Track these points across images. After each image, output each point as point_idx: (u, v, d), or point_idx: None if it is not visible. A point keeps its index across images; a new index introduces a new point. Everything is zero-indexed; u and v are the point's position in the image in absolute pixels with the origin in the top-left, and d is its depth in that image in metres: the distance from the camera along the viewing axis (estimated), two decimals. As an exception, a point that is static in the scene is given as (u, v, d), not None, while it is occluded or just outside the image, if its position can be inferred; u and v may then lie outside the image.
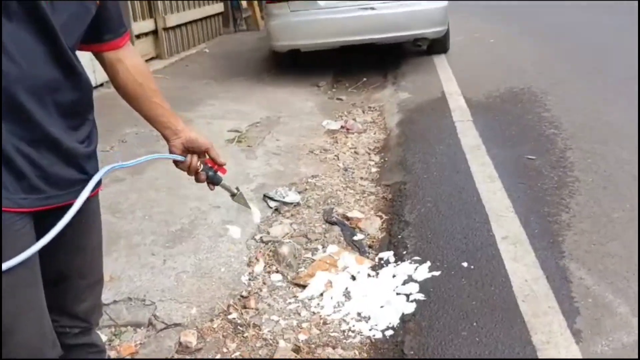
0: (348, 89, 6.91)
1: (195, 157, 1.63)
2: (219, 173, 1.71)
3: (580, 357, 2.10)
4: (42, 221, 1.39)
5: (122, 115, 5.08)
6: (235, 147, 4.67)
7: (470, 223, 3.18)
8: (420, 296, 2.59)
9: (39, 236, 1.36)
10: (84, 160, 1.45)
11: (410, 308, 2.53)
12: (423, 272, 2.77)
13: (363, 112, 5.87)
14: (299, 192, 3.84)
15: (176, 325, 2.50)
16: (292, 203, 3.69)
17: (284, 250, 3.09)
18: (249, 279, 2.89)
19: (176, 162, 1.66)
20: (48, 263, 1.45)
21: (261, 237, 3.24)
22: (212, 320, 2.56)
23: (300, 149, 4.72)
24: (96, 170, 1.48)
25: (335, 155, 4.57)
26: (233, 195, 1.82)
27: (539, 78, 6.02)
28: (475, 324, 2.35)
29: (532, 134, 4.44)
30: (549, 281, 2.58)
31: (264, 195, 3.74)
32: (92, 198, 1.56)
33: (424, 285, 2.67)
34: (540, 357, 2.12)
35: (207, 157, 1.66)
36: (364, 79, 7.07)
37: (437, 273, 2.74)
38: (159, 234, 3.23)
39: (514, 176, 3.71)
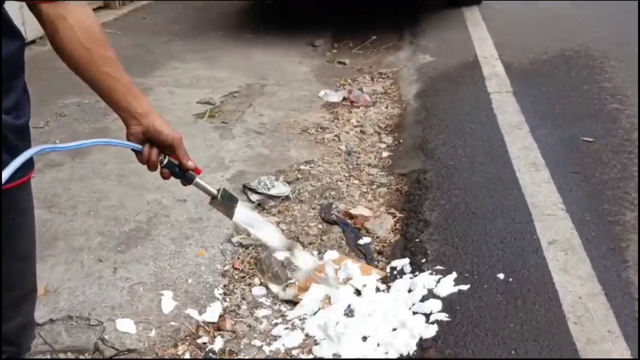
0: (352, 49, 6.92)
1: (155, 150, 1.60)
2: (191, 172, 1.70)
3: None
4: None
5: (60, 81, 5.11)
6: (206, 124, 4.68)
7: (509, 224, 3.20)
8: (444, 316, 2.61)
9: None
10: (12, 137, 1.45)
11: (430, 332, 2.54)
12: (448, 285, 2.79)
13: (372, 79, 5.89)
14: (289, 183, 3.86)
15: (130, 351, 2.51)
16: (279, 196, 3.71)
17: (269, 257, 3.10)
18: (224, 293, 2.90)
19: (136, 153, 1.64)
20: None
21: (240, 241, 3.26)
22: (175, 346, 2.57)
23: (291, 127, 4.73)
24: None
25: (336, 136, 4.58)
26: (213, 198, 1.80)
27: (599, 38, 6.03)
28: (514, 352, 2.38)
29: (590, 110, 4.46)
30: (608, 299, 2.60)
31: (244, 186, 3.76)
32: (21, 188, 1.56)
33: (448, 303, 2.69)
34: (596, 395, 2.14)
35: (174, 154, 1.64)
36: (373, 37, 7.08)
37: (465, 287, 2.76)
38: (107, 234, 3.24)
39: (566, 164, 3.74)
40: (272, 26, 7.47)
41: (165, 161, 1.63)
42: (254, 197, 3.69)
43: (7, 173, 1.32)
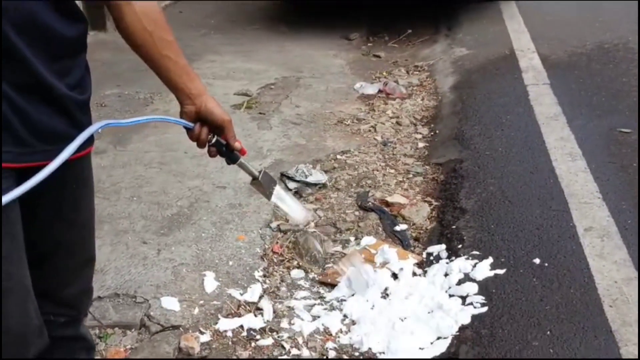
0: (388, 43, 6.99)
1: (205, 129, 1.72)
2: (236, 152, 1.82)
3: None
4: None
5: (100, 72, 5.26)
6: (244, 114, 4.80)
7: (545, 211, 3.26)
8: (480, 299, 2.69)
9: (21, 201, 1.47)
10: (76, 111, 1.57)
11: (466, 314, 2.62)
12: (484, 269, 2.86)
13: (407, 72, 5.96)
14: (325, 172, 3.96)
15: (175, 327, 2.64)
16: (316, 184, 3.81)
17: (307, 241, 3.21)
18: (264, 275, 3.02)
19: (187, 130, 1.76)
20: (33, 238, 1.58)
21: (278, 226, 3.37)
22: (218, 323, 2.68)
23: (327, 118, 4.83)
24: (90, 124, 1.60)
25: (372, 127, 4.67)
26: (254, 179, 1.91)
27: (638, 31, 6.02)
28: (549, 332, 2.45)
29: (628, 102, 4.49)
30: (644, 283, 2.66)
31: (281, 174, 3.86)
32: (83, 160, 1.68)
33: (484, 286, 2.77)
34: (630, 374, 2.21)
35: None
36: (409, 31, 7.14)
37: (501, 271, 2.84)
38: (151, 218, 3.37)
39: (603, 154, 3.78)
40: (307, 20, 7.57)
41: (214, 140, 1.75)
42: (292, 184, 3.79)
43: (75, 145, 1.45)
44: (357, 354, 2.55)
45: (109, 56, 6.04)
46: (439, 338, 2.57)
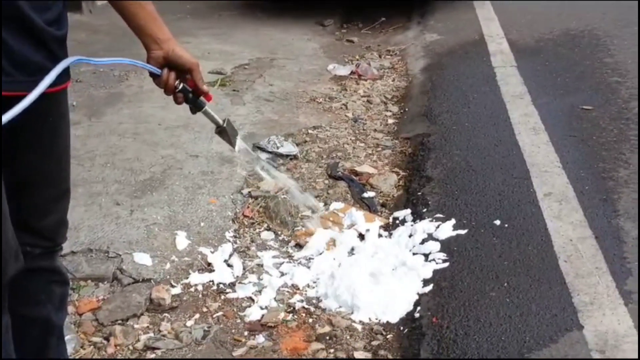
0: (361, 30, 7.10)
1: (173, 74, 1.78)
2: (202, 98, 1.88)
3: (630, 318, 2.31)
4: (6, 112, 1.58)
5: (77, 51, 5.26)
6: (218, 91, 4.86)
7: (507, 179, 3.38)
8: (442, 255, 2.80)
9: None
10: (54, 45, 1.64)
11: (429, 268, 2.73)
12: (446, 230, 2.97)
13: (380, 56, 6.07)
14: (297, 144, 4.04)
15: (146, 280, 2.71)
16: (288, 155, 3.89)
17: (277, 206, 3.30)
18: (234, 236, 3.10)
19: (153, 77, 1.82)
20: (12, 167, 1.65)
21: (249, 192, 3.45)
22: (189, 277, 2.76)
23: (300, 97, 4.92)
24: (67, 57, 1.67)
25: (343, 104, 4.77)
26: (218, 127, 1.97)
27: (603, 19, 6.19)
28: (506, 284, 2.56)
29: (590, 82, 4.63)
30: (597, 241, 2.78)
31: (254, 145, 3.94)
32: (60, 94, 1.75)
33: (446, 244, 2.87)
34: (581, 320, 2.33)
35: (190, 78, 1.83)
36: (382, 19, 7.25)
37: (463, 231, 2.95)
38: (124, 183, 3.43)
39: (564, 128, 3.91)
40: (283, 6, 7.64)
41: (180, 87, 1.81)
42: (263, 155, 3.87)
43: (55, 72, 1.52)
44: (322, 306, 2.65)
45: (84, 36, 6.09)
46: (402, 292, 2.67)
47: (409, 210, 3.25)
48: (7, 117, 1.39)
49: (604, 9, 6.57)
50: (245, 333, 2.50)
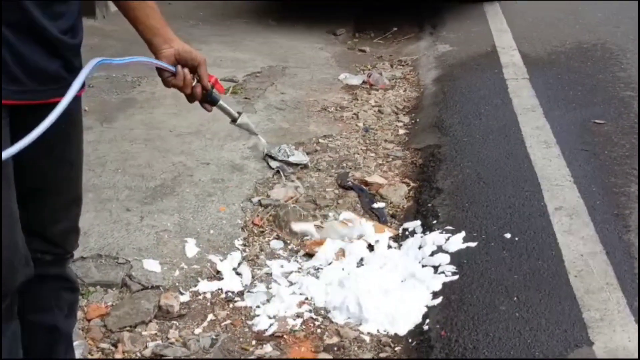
0: (373, 39, 7.09)
1: (187, 69, 1.81)
2: (215, 91, 1.90)
3: (637, 337, 2.29)
4: (19, 121, 1.59)
5: (89, 56, 5.30)
6: (229, 99, 4.86)
7: (518, 192, 3.37)
8: (451, 268, 2.79)
9: (14, 137, 1.55)
10: (68, 54, 1.65)
11: (438, 280, 2.72)
12: (456, 242, 2.96)
13: (391, 66, 6.07)
14: (307, 154, 4.04)
15: (155, 287, 2.72)
16: (298, 164, 3.89)
17: (287, 215, 3.29)
18: (244, 244, 3.10)
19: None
20: (23, 173, 1.65)
21: (259, 200, 3.45)
22: (197, 285, 2.76)
23: (311, 105, 4.92)
24: (82, 67, 1.68)
25: (354, 114, 4.77)
26: (234, 120, 2.01)
27: (617, 32, 6.17)
28: (516, 298, 2.55)
29: (603, 96, 4.62)
30: (608, 257, 2.77)
31: (264, 154, 3.94)
32: (74, 102, 1.75)
33: (456, 257, 2.86)
34: (591, 336, 2.31)
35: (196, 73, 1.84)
36: (394, 29, 7.25)
37: (473, 244, 2.94)
38: (135, 189, 3.44)
39: (576, 142, 3.90)
40: (295, 15, 7.65)
41: (195, 82, 1.83)
42: (274, 163, 3.86)
43: (80, 80, 1.53)
44: (331, 317, 2.64)
45: (97, 41, 6.10)
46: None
47: (418, 222, 3.24)
48: (42, 126, 1.41)
49: (617, 22, 6.56)
50: (253, 342, 2.51)
